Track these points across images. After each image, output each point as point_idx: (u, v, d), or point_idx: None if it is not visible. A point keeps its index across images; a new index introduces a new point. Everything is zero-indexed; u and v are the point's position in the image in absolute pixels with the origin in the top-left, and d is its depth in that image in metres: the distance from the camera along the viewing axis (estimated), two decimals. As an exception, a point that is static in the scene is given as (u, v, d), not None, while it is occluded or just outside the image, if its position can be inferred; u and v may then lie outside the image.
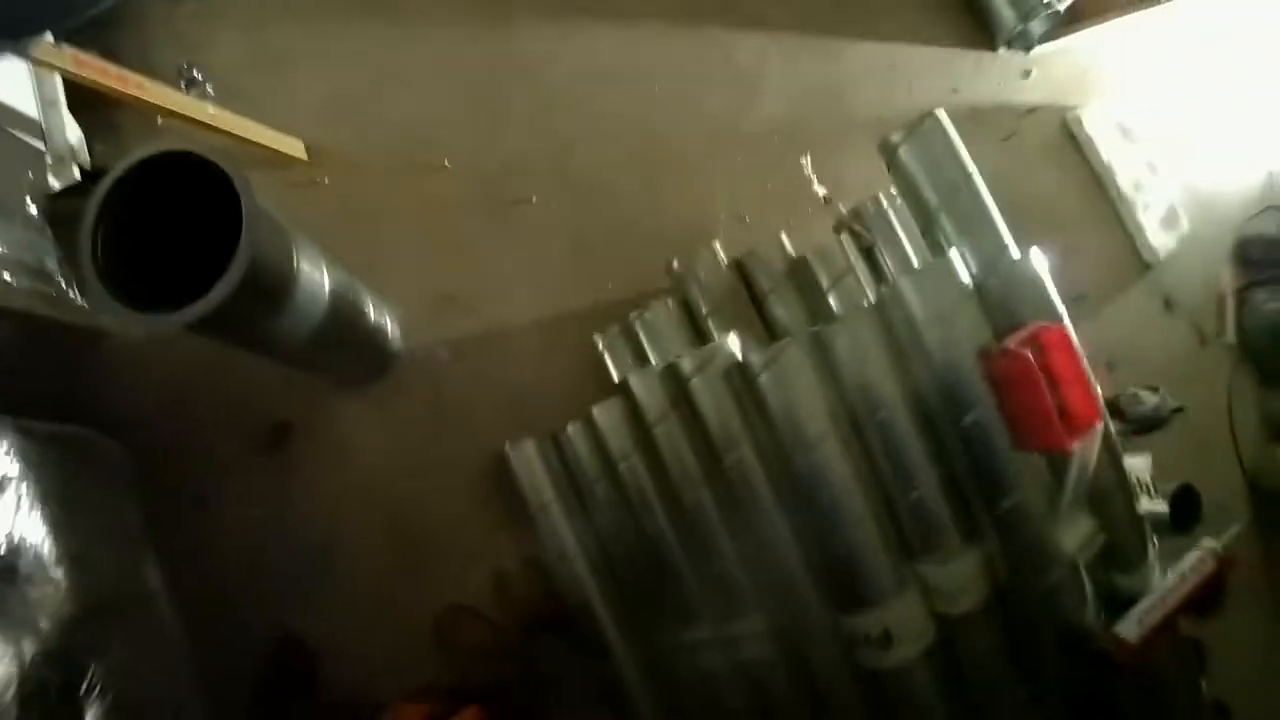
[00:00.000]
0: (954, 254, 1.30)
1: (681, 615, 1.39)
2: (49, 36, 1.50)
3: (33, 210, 1.61)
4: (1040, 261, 1.33)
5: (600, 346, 1.55)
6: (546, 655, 1.55)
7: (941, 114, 1.34)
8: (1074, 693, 1.31)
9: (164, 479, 1.76)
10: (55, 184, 1.67)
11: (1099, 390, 1.30)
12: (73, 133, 1.73)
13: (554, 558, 1.48)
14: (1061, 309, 1.32)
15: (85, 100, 1.71)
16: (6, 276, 1.51)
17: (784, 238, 1.55)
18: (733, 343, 1.32)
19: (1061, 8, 2.10)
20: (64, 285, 1.64)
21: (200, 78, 1.80)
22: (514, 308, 1.73)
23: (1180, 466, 1.89)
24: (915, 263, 1.51)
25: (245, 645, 1.76)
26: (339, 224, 1.71)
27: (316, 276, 1.41)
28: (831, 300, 1.47)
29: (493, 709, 1.46)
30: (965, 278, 1.29)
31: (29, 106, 1.66)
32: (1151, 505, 1.47)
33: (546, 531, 1.48)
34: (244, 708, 1.74)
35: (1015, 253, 1.33)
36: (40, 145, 1.67)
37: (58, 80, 1.68)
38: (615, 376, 1.49)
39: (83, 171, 1.73)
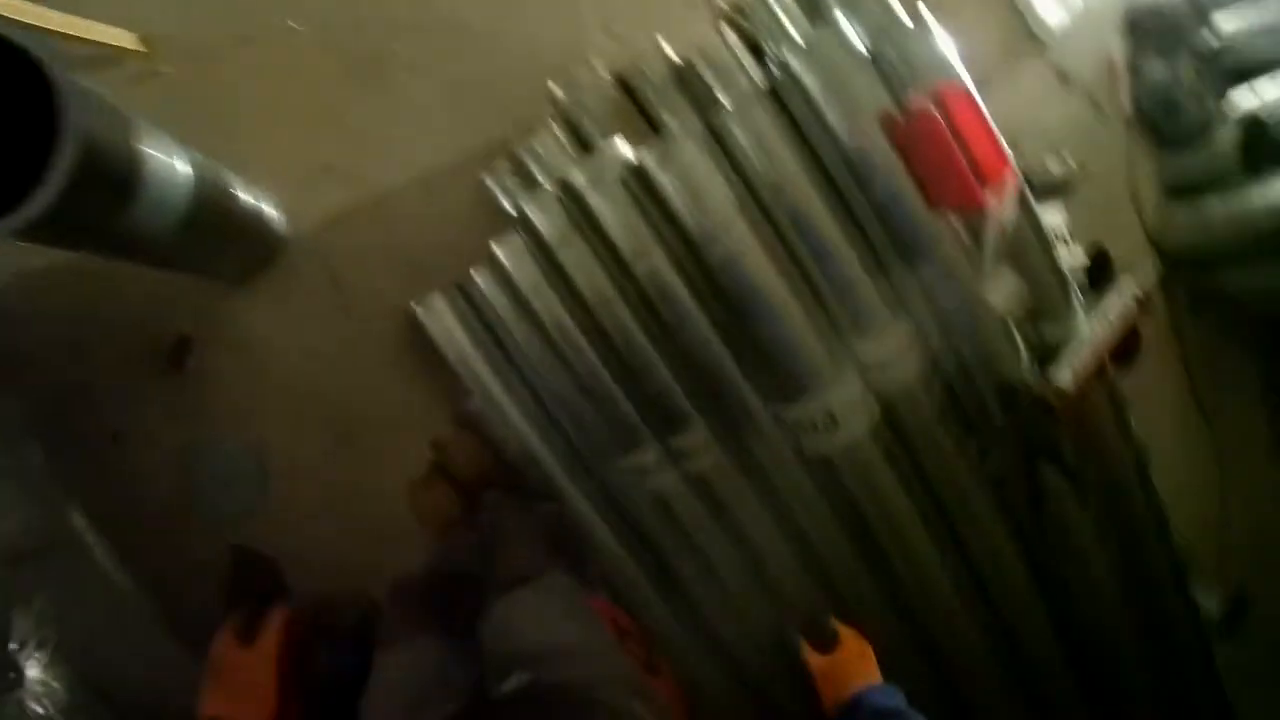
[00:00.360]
0: (841, 20, 1.18)
1: (625, 441, 1.31)
2: None
3: None
4: (933, 25, 1.22)
5: (490, 186, 1.40)
6: (493, 514, 1.46)
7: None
8: (1019, 443, 1.27)
9: (71, 419, 1.59)
10: None
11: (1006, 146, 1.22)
12: None
13: (486, 410, 1.37)
14: (961, 69, 1.22)
15: None
16: None
17: (663, 43, 1.39)
18: (623, 147, 1.19)
19: None
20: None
21: (-2, -28, 1.53)
22: (396, 167, 1.55)
23: (1088, 232, 1.85)
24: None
25: (203, 569, 1.63)
26: (192, 112, 1.49)
27: (169, 161, 1.24)
28: (722, 99, 1.33)
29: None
30: (857, 46, 1.17)
31: None
32: (1070, 256, 1.42)
33: (473, 385, 1.36)
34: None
35: (906, 19, 1.21)
36: None
37: None
38: (511, 211, 1.34)
39: None
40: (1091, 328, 1.34)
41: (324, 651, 1.49)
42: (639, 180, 1.17)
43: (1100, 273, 1.87)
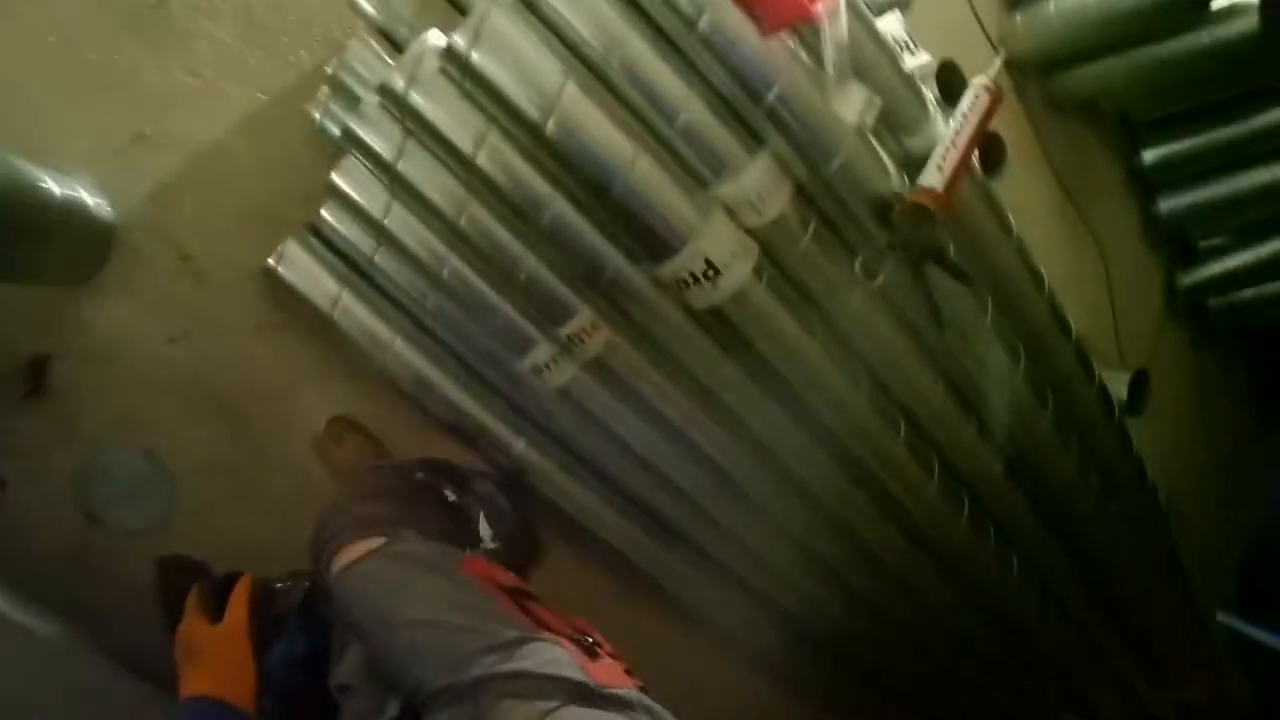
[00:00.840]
0: None
1: (515, 345, 1.22)
2: None
3: None
4: None
5: (315, 116, 1.26)
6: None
7: None
8: (904, 253, 1.22)
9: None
10: None
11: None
12: None
13: (370, 350, 1.26)
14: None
15: None
16: None
17: (454, -78, 1.26)
18: (433, 37, 1.07)
19: None
20: None
21: None
22: (213, 119, 1.38)
23: (930, 47, 1.79)
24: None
25: (134, 590, 1.51)
26: (-41, 107, 1.30)
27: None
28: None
29: None
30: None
31: None
32: (915, 61, 1.35)
33: (351, 327, 1.25)
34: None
35: None
36: None
37: None
38: (341, 135, 1.21)
39: None
40: (951, 128, 1.29)
41: (276, 643, 1.40)
42: (457, 66, 1.05)
43: (950, 87, 1.83)
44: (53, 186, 1.28)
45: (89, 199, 1.34)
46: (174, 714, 0.99)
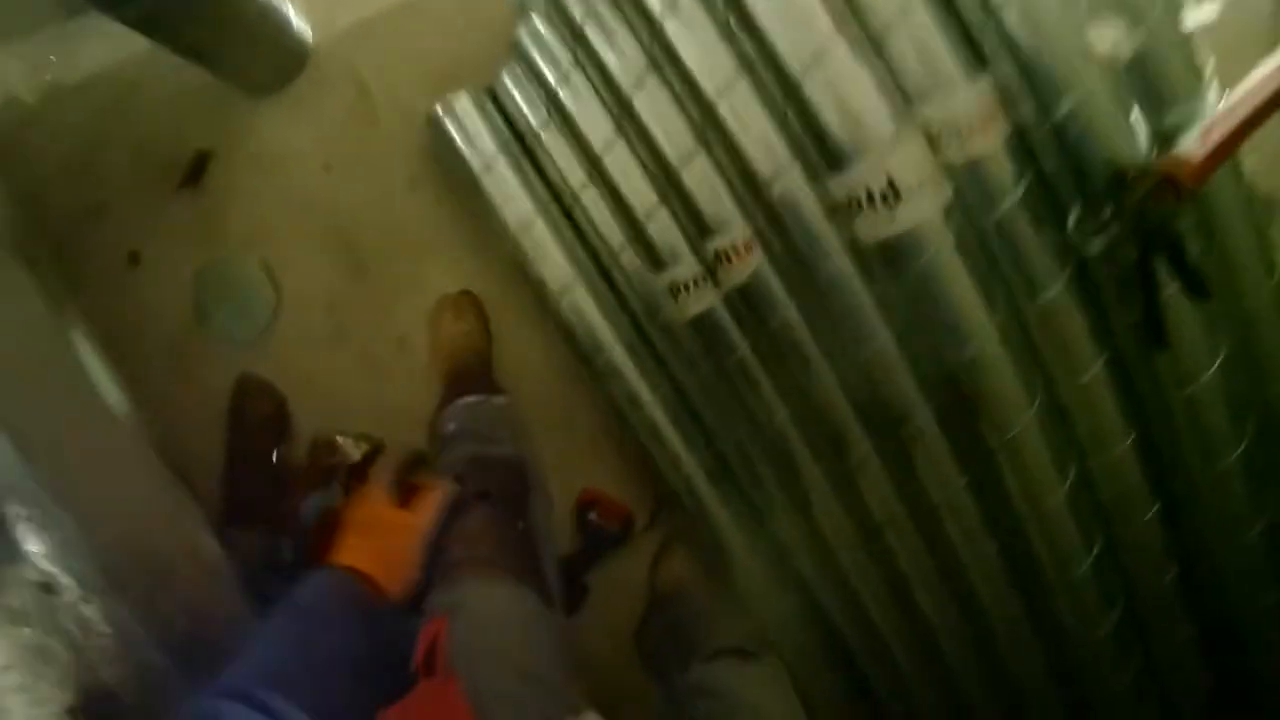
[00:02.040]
0: None
1: (661, 255, 1.14)
2: None
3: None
4: None
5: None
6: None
7: None
8: (1134, 233, 1.00)
9: (87, 244, 1.54)
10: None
11: None
12: None
13: (511, 228, 1.21)
14: None
15: None
16: None
17: None
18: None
19: None
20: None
21: None
22: (427, -35, 1.43)
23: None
24: None
25: (212, 399, 1.54)
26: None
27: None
28: None
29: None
30: None
31: None
32: (1198, 16, 1.12)
33: (497, 197, 1.21)
34: (224, 460, 1.57)
35: None
36: None
37: None
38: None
39: None
40: (1232, 96, 1.03)
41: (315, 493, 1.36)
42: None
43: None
44: (262, -11, 1.35)
45: (293, 16, 1.41)
46: (317, 575, 0.89)
